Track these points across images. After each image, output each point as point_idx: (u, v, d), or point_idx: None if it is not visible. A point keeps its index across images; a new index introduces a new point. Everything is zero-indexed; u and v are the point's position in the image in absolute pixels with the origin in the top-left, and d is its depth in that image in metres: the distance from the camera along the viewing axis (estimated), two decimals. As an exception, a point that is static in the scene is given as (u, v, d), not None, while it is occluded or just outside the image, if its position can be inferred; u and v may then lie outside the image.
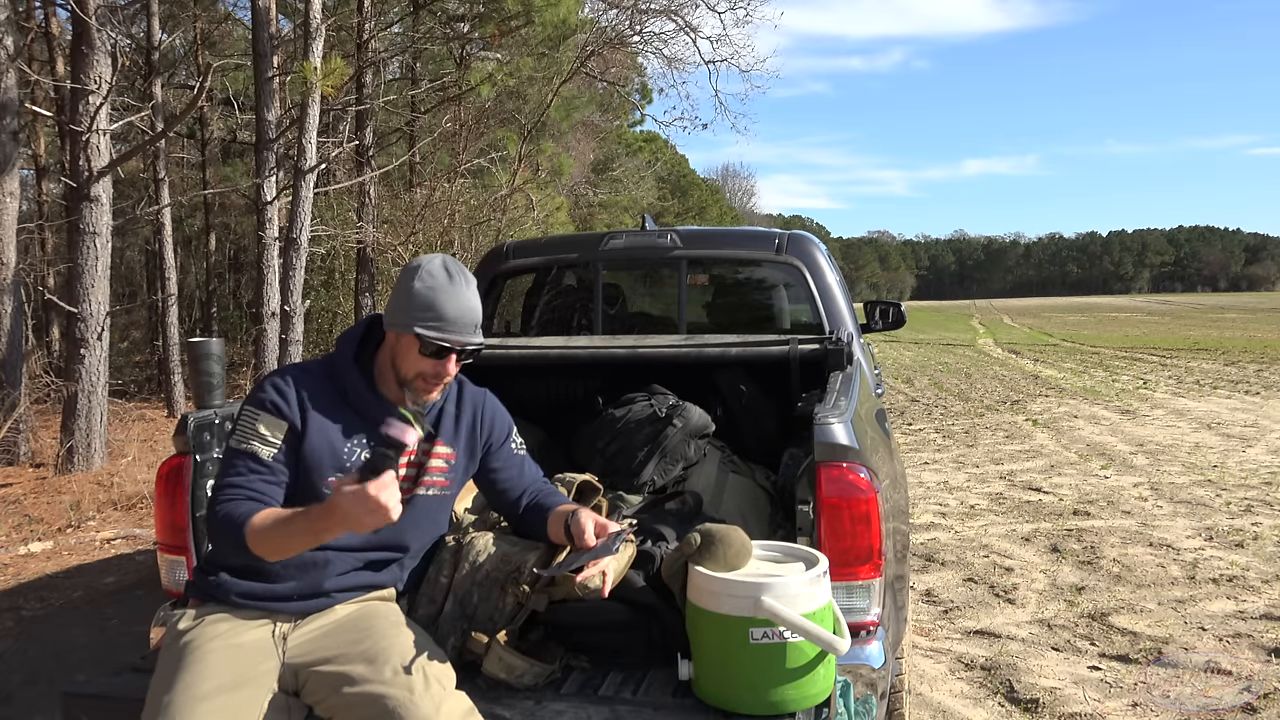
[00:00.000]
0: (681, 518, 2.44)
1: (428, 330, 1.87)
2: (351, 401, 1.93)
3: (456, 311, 1.88)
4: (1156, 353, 21.49)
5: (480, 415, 2.08)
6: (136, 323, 18.57)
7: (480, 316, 1.93)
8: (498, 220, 15.18)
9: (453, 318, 1.88)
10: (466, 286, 1.91)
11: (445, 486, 2.02)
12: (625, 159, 26.44)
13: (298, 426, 1.87)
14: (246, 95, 15.02)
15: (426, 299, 1.88)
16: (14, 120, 8.34)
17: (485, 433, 2.08)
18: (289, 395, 1.90)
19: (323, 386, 1.94)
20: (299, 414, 1.88)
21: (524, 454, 2.17)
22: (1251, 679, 3.62)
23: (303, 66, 9.58)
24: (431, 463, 2.00)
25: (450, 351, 1.90)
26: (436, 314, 1.87)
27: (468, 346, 1.91)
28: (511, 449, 2.14)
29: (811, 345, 3.05)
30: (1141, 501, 6.71)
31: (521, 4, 13.12)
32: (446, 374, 1.92)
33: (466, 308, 1.90)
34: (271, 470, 1.85)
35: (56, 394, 8.77)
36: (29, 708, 3.28)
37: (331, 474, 1.88)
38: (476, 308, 1.92)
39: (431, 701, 1.69)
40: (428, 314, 1.87)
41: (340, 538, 1.79)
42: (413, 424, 1.69)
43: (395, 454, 1.65)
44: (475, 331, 1.91)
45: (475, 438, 2.07)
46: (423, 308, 1.88)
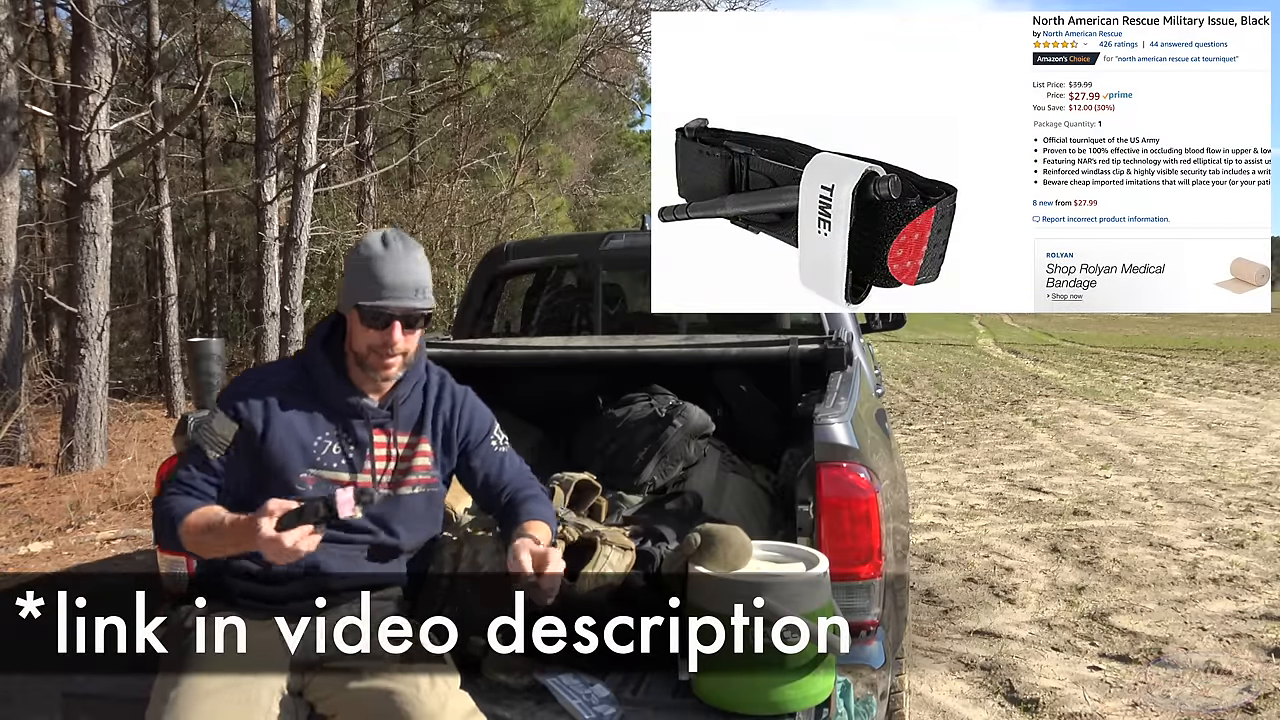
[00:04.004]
0: (681, 518, 2.44)
1: (366, 300, 1.86)
2: (322, 395, 1.93)
3: (393, 277, 1.86)
4: (1156, 353, 21.49)
5: (458, 411, 2.05)
6: (136, 323, 18.57)
7: (425, 281, 1.90)
8: (498, 220, 15.18)
9: (390, 284, 1.85)
10: (406, 253, 1.89)
11: (432, 484, 2.01)
12: (625, 159, 26.42)
13: (254, 428, 1.87)
14: (246, 95, 15.01)
15: (364, 271, 1.87)
16: (14, 120, 8.34)
17: (463, 429, 2.05)
18: (249, 396, 1.91)
19: (292, 383, 1.94)
20: (259, 415, 1.88)
21: (505, 450, 2.12)
22: (1251, 679, 3.62)
23: (303, 66, 9.59)
24: (416, 461, 1.98)
25: (392, 318, 1.87)
26: (374, 283, 1.86)
27: (411, 311, 1.88)
28: (491, 446, 2.09)
29: (811, 345, 3.04)
30: (1141, 501, 6.71)
31: (521, 4, 13.13)
32: (394, 343, 1.88)
33: (404, 272, 1.87)
34: (214, 471, 1.87)
35: (56, 394, 8.76)
36: (29, 708, 3.27)
37: (304, 469, 1.88)
38: (417, 272, 1.89)
39: (437, 699, 1.70)
40: (366, 285, 1.86)
41: (336, 537, 1.81)
42: (359, 502, 1.68)
43: (326, 515, 1.65)
44: (418, 296, 1.88)
45: (452, 434, 2.04)
46: (361, 280, 1.87)
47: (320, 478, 1.88)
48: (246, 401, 1.90)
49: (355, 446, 1.93)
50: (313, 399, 1.93)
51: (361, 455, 1.92)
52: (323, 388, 1.93)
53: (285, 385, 1.93)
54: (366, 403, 1.94)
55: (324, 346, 1.96)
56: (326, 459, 1.90)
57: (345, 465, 1.91)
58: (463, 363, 3.27)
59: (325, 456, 1.90)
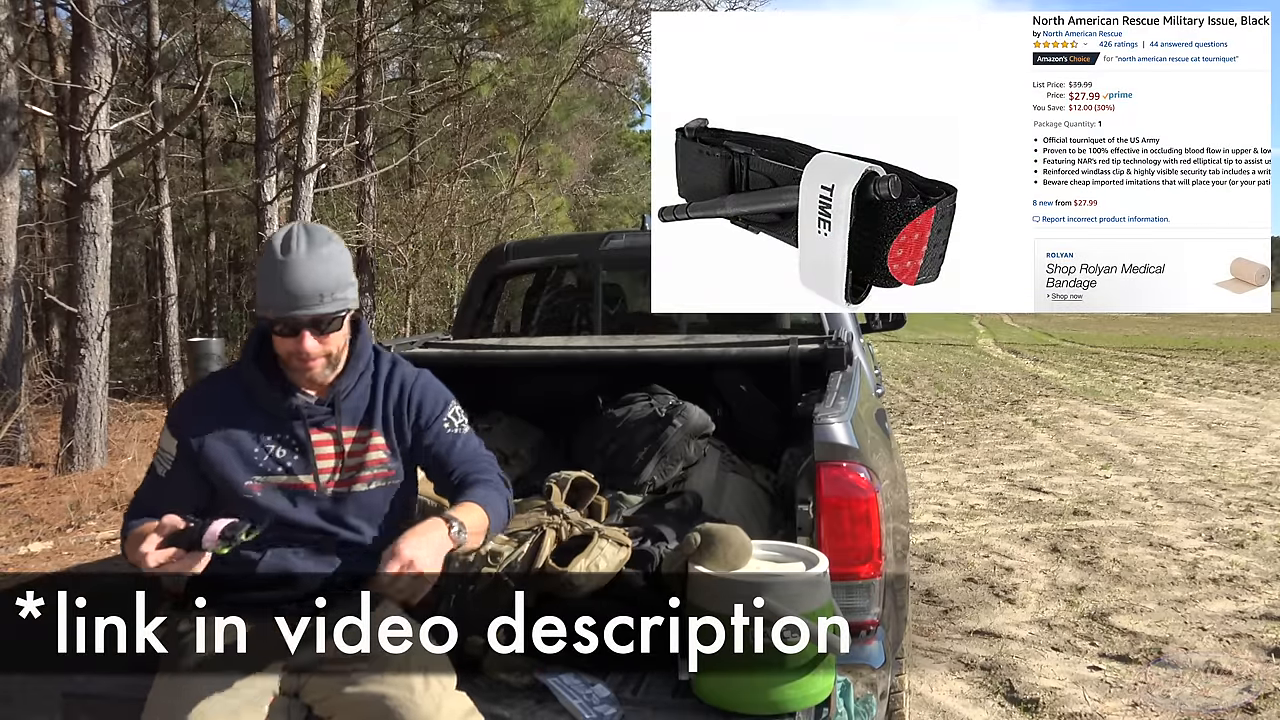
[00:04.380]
0: (681, 518, 2.44)
1: (270, 313, 1.81)
2: (259, 401, 1.89)
3: (293, 284, 1.76)
4: (1156, 353, 21.48)
5: (407, 396, 1.96)
6: (136, 323, 18.58)
7: (332, 282, 1.79)
8: (498, 220, 15.19)
9: (291, 291, 1.77)
10: (309, 255, 1.78)
11: (389, 477, 1.94)
12: (625, 159, 26.42)
13: (189, 443, 1.86)
14: (246, 95, 15.02)
15: (266, 279, 1.80)
16: (14, 120, 8.34)
17: (413, 414, 1.96)
18: (187, 412, 1.91)
19: (230, 393, 1.91)
20: (197, 429, 1.87)
21: (459, 432, 2.00)
22: (1251, 679, 3.62)
23: (303, 66, 9.59)
24: (368, 456, 1.93)
25: (300, 326, 1.79)
26: (276, 292, 1.78)
27: (318, 318, 1.80)
28: (444, 427, 1.98)
29: (811, 345, 3.04)
30: (1141, 501, 6.71)
31: (521, 4, 13.14)
32: (307, 350, 1.81)
33: (306, 277, 1.77)
34: (164, 484, 1.88)
35: (56, 394, 8.76)
36: (29, 708, 3.27)
37: (248, 477, 1.85)
38: (318, 273, 1.78)
39: (432, 701, 1.69)
40: (269, 295, 1.80)
41: (296, 538, 1.85)
42: (225, 546, 1.65)
43: (192, 539, 1.64)
44: (323, 300, 1.78)
45: (403, 420, 1.96)
46: (264, 289, 1.81)
47: (268, 484, 1.86)
48: (184, 417, 1.89)
49: (298, 448, 1.88)
50: (254, 406, 1.89)
51: (306, 456, 1.88)
52: (260, 394, 1.89)
53: (225, 396, 1.91)
54: (302, 403, 1.89)
55: (257, 353, 1.91)
56: (270, 465, 1.87)
57: (290, 468, 1.87)
58: (463, 363, 3.27)
59: (269, 462, 1.87)
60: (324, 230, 1.86)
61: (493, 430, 3.02)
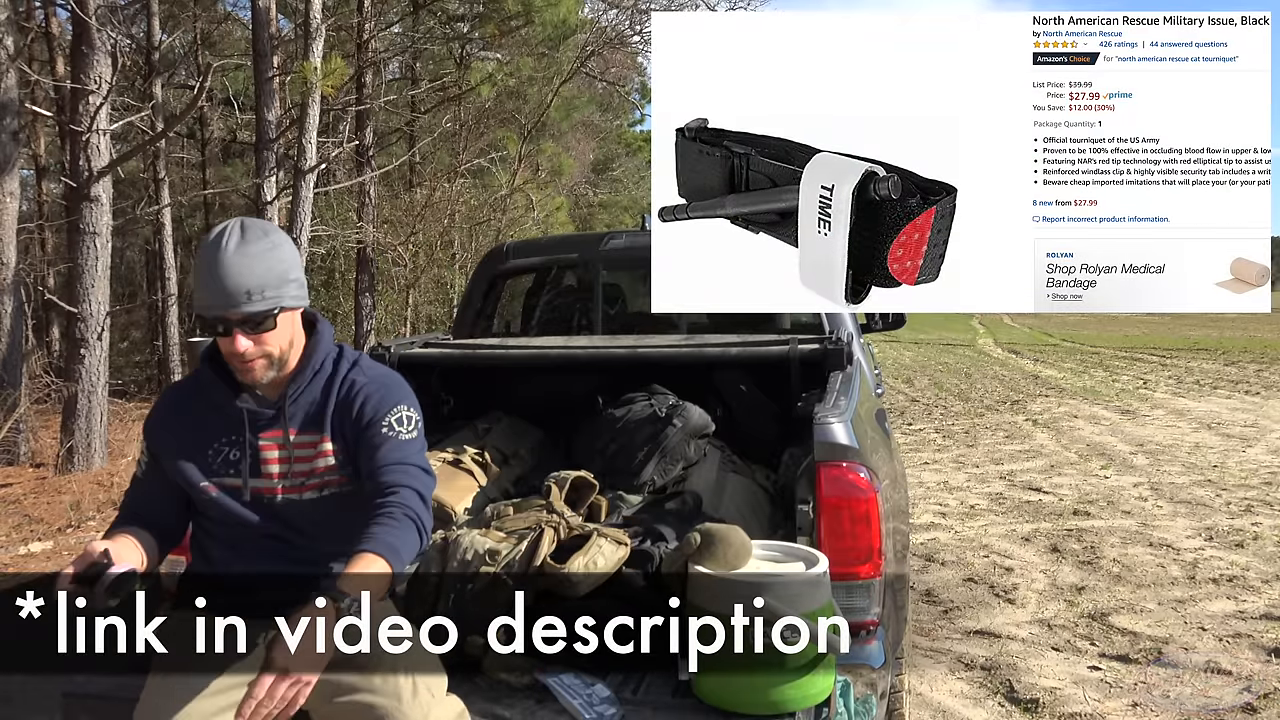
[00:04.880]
0: (681, 518, 2.44)
1: (200, 311, 1.77)
2: (213, 403, 1.87)
3: (221, 282, 1.69)
4: (1156, 353, 21.48)
5: (354, 396, 1.85)
6: (136, 323, 18.58)
7: (262, 280, 1.71)
8: (498, 220, 15.19)
9: (220, 288, 1.69)
10: (239, 251, 1.70)
11: (342, 484, 1.87)
12: (625, 159, 26.43)
13: (157, 446, 1.89)
14: (246, 95, 15.02)
15: (197, 275, 1.75)
16: (14, 120, 8.34)
17: (354, 411, 1.85)
18: (155, 414, 1.92)
19: (192, 396, 1.91)
20: (161, 431, 1.89)
21: (395, 435, 1.83)
22: (1251, 679, 3.62)
23: (303, 66, 9.59)
24: (316, 462, 1.85)
25: (231, 325, 1.72)
26: (205, 290, 1.72)
27: (247, 316, 1.72)
28: (381, 429, 1.82)
29: (811, 345, 3.04)
30: (1141, 501, 6.71)
31: (521, 4, 13.14)
32: (240, 350, 1.74)
33: (235, 274, 1.69)
34: (143, 486, 1.90)
35: (56, 394, 8.76)
36: (29, 708, 3.27)
37: (204, 479, 1.84)
38: (246, 270, 1.70)
39: (420, 709, 1.69)
40: (199, 292, 1.74)
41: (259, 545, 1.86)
42: (113, 599, 1.65)
43: (93, 575, 1.65)
44: (251, 299, 1.70)
45: (346, 421, 1.86)
46: (197, 286, 1.75)
47: (221, 485, 1.85)
48: (153, 421, 1.92)
49: (246, 452, 1.85)
50: (210, 409, 1.88)
51: (253, 460, 1.84)
52: (213, 397, 1.87)
53: (188, 399, 1.91)
54: (249, 406, 1.85)
55: (212, 354, 1.86)
56: (221, 467, 1.85)
57: (238, 471, 1.85)
58: (462, 363, 3.28)
59: (220, 464, 1.85)
60: (261, 225, 1.79)
61: (493, 430, 3.02)
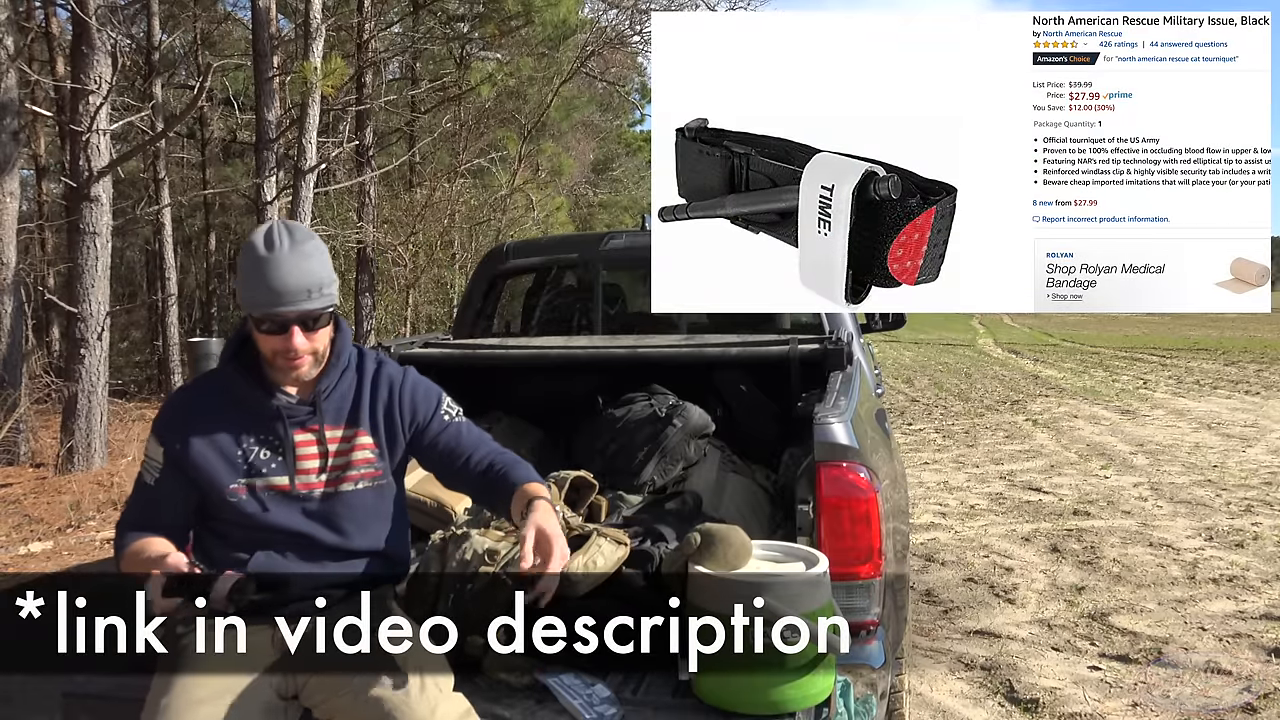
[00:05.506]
0: (681, 518, 2.45)
1: (257, 310, 1.79)
2: (242, 403, 1.88)
3: (278, 282, 1.75)
4: (1156, 353, 21.48)
5: (398, 396, 1.95)
6: (136, 323, 18.59)
7: (318, 279, 1.79)
8: (498, 220, 15.20)
9: (277, 288, 1.75)
10: (294, 251, 1.77)
11: (377, 477, 1.93)
12: (625, 159, 26.43)
13: (174, 449, 1.85)
14: (246, 95, 15.02)
15: (249, 276, 1.79)
16: (14, 120, 8.34)
17: (407, 413, 1.95)
18: (171, 417, 1.90)
19: (211, 396, 1.90)
20: (180, 434, 1.86)
21: (460, 420, 2.00)
22: (1251, 679, 3.62)
23: (303, 66, 9.59)
24: (354, 455, 1.91)
25: (288, 323, 1.78)
26: (264, 290, 1.77)
27: (306, 314, 1.79)
28: (443, 419, 1.97)
29: (811, 345, 3.04)
30: (1141, 501, 6.71)
31: (521, 4, 13.14)
32: (295, 347, 1.80)
33: (293, 274, 1.76)
34: (154, 492, 1.87)
35: (56, 394, 8.76)
36: (29, 708, 3.27)
37: (233, 480, 1.84)
38: (308, 270, 1.78)
39: (427, 704, 1.69)
40: (254, 292, 1.78)
41: (281, 542, 1.86)
42: (231, 595, 1.68)
43: (196, 590, 1.67)
44: (310, 296, 1.78)
45: (396, 421, 1.95)
46: (249, 286, 1.79)
47: (253, 485, 1.85)
48: (168, 423, 1.88)
49: (280, 450, 1.87)
50: (235, 408, 1.88)
51: (288, 458, 1.87)
52: (241, 396, 1.88)
53: (207, 399, 1.90)
54: (284, 403, 1.87)
55: (237, 354, 1.90)
56: (256, 466, 1.85)
57: (273, 470, 1.86)
58: (463, 363, 3.27)
59: (254, 464, 1.85)
60: (304, 228, 1.85)
61: (493, 430, 3.01)
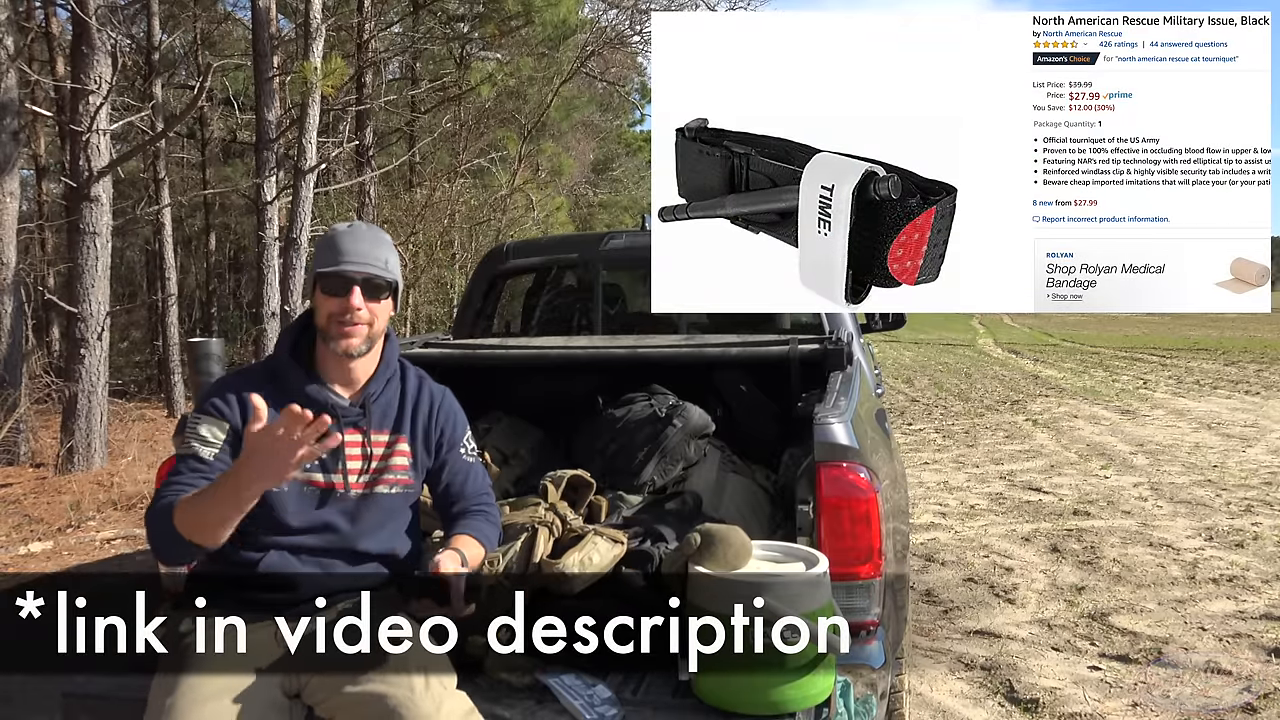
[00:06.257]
0: (681, 518, 2.44)
1: (326, 267, 1.90)
2: (293, 396, 1.88)
3: (351, 248, 1.90)
4: (1156, 353, 21.48)
5: (437, 411, 2.05)
6: (136, 323, 18.58)
7: (386, 257, 1.94)
8: (498, 220, 15.19)
9: (347, 252, 1.90)
10: (369, 232, 1.96)
11: (408, 485, 2.00)
12: (625, 159, 26.42)
13: (239, 428, 1.85)
14: (246, 95, 15.02)
15: (325, 245, 1.94)
16: (14, 120, 8.34)
17: (441, 430, 2.05)
18: (230, 399, 1.90)
19: (258, 385, 1.90)
20: (239, 418, 1.87)
21: (474, 461, 2.11)
22: (1251, 679, 3.62)
23: (303, 66, 9.59)
24: (393, 460, 1.97)
25: (351, 283, 1.88)
26: (335, 252, 1.90)
27: (371, 277, 1.90)
28: (462, 454, 2.08)
29: (811, 345, 3.04)
30: (1141, 501, 6.71)
31: (521, 4, 13.14)
32: (353, 309, 1.89)
33: (365, 243, 1.92)
34: (211, 468, 1.84)
35: (56, 394, 8.76)
36: (29, 708, 3.27)
37: None
38: (375, 242, 1.94)
39: (432, 701, 1.70)
40: (327, 255, 1.91)
41: (302, 541, 1.85)
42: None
43: None
44: (376, 265, 1.91)
45: (431, 433, 2.03)
46: (324, 253, 1.92)
47: (295, 479, 1.86)
48: (229, 402, 1.89)
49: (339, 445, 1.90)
50: (284, 399, 1.85)
51: (335, 455, 1.90)
52: (293, 389, 1.90)
53: (257, 387, 1.88)
54: (337, 401, 1.93)
55: (294, 347, 1.96)
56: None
57: (318, 465, 1.89)
58: (463, 363, 3.27)
59: None
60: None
61: (493, 430, 3.02)
